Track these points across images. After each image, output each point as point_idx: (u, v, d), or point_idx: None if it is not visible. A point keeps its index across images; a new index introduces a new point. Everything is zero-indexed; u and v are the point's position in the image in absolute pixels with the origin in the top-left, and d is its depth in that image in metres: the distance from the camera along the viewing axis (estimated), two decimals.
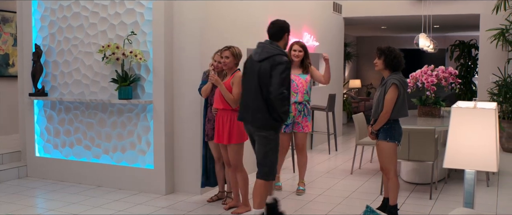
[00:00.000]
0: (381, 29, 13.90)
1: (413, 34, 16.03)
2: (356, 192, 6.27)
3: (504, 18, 8.99)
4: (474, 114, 2.72)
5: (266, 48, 4.72)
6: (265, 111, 4.54)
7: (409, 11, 10.36)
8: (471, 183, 2.82)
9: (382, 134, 5.05)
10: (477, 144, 2.70)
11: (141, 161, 6.21)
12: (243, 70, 4.85)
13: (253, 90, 4.60)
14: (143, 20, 6.04)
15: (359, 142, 7.19)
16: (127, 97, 6.02)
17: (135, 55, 5.86)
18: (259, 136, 4.62)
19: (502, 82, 8.88)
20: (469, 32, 13.84)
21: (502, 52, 9.26)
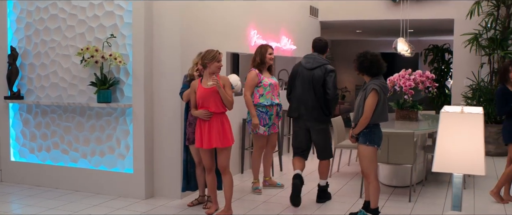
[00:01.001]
0: (356, 33, 14.03)
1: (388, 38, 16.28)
2: (335, 195, 6.30)
3: (477, 23, 9.17)
4: (462, 118, 2.76)
5: (316, 59, 5.84)
6: (319, 108, 5.70)
7: (385, 15, 10.48)
8: (459, 186, 2.86)
9: (362, 138, 5.09)
10: (465, 148, 2.74)
11: (120, 165, 6.14)
12: (293, 75, 5.88)
13: (308, 91, 5.70)
14: (122, 22, 5.98)
15: (338, 145, 7.24)
16: (106, 100, 5.94)
17: (114, 58, 5.79)
18: (318, 129, 5.77)
19: (476, 86, 9.04)
20: (442, 36, 14.07)
21: (475, 57, 9.43)
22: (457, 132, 2.76)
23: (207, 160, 5.29)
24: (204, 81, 5.18)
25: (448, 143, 2.77)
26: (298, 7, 9.76)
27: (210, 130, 5.14)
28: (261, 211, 5.60)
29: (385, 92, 5.08)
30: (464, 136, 2.74)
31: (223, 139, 5.17)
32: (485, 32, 9.05)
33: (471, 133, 2.74)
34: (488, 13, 8.99)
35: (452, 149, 2.76)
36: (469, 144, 2.74)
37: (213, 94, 5.10)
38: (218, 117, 5.16)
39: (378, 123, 5.10)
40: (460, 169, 2.78)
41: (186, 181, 5.83)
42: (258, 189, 6.32)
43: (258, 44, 7.76)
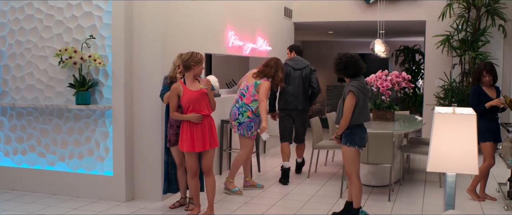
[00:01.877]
0: (328, 34, 14.15)
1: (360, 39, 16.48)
2: (316, 195, 6.34)
3: (448, 24, 9.36)
4: (455, 119, 2.82)
5: (302, 61, 7.19)
6: (307, 100, 7.10)
7: (358, 16, 10.60)
8: (452, 185, 2.92)
9: (343, 139, 5.15)
10: (458, 148, 2.80)
11: (99, 167, 6.06)
12: (284, 75, 6.73)
13: (298, 88, 6.99)
14: (101, 23, 5.90)
15: (316, 145, 7.29)
16: (85, 102, 5.85)
17: (94, 60, 5.71)
18: (302, 118, 7.11)
19: (448, 87, 9.23)
20: (412, 37, 14.30)
21: (446, 58, 9.62)
22: (450, 133, 2.81)
23: (194, 163, 5.26)
24: (190, 84, 5.14)
25: (442, 143, 2.82)
26: (273, 9, 9.79)
27: (203, 132, 5.12)
28: (243, 212, 5.60)
29: (364, 93, 5.13)
30: (457, 136, 2.80)
31: (213, 140, 5.21)
32: (457, 34, 9.24)
33: (464, 133, 2.80)
34: (459, 15, 9.19)
35: (446, 149, 2.82)
36: (463, 144, 2.80)
37: (203, 97, 5.10)
38: (208, 118, 5.18)
39: (359, 123, 5.15)
40: (454, 168, 2.84)
41: (167, 183, 5.79)
42: (239, 190, 6.32)
43: (236, 45, 7.81)
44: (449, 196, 2.93)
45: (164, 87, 5.56)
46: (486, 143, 5.89)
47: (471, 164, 2.80)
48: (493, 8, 8.96)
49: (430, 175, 7.47)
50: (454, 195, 2.93)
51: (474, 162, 2.80)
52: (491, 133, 5.87)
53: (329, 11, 10.69)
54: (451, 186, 2.93)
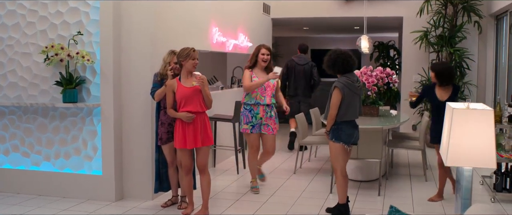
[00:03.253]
0: (303, 30, 14.20)
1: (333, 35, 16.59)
2: (306, 191, 6.36)
3: (425, 21, 9.50)
4: (473, 115, 2.85)
5: (305, 58, 9.14)
6: (308, 89, 9.02)
7: (336, 13, 10.65)
8: (469, 179, 2.96)
9: (330, 134, 5.18)
10: (477, 143, 2.84)
11: (87, 167, 5.92)
12: (289, 69, 8.99)
13: (301, 80, 8.95)
14: (88, 19, 5.76)
15: (302, 142, 7.30)
16: (73, 100, 5.71)
17: (82, 57, 5.57)
18: (305, 101, 9.01)
19: (426, 82, 9.37)
20: (386, 33, 14.48)
21: (424, 53, 9.77)
22: (469, 128, 2.84)
23: (187, 160, 5.20)
24: (184, 81, 5.09)
25: (461, 139, 2.85)
26: (252, 5, 9.76)
27: (195, 129, 5.07)
28: (236, 210, 5.57)
29: (351, 89, 5.12)
30: (475, 132, 2.84)
31: (206, 138, 5.15)
32: (434, 30, 9.39)
33: (483, 128, 2.83)
34: (437, 12, 9.34)
35: (464, 144, 2.85)
36: (482, 139, 2.83)
37: (196, 93, 5.04)
38: (201, 116, 5.13)
39: (347, 120, 5.15)
40: (472, 163, 2.87)
41: (158, 182, 5.71)
42: (256, 188, 6.28)
43: (220, 41, 7.75)
44: (466, 190, 2.97)
45: (154, 85, 5.47)
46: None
47: (489, 159, 2.84)
48: (470, 5, 9.13)
49: (414, 169, 7.58)
50: (471, 189, 2.97)
51: (492, 156, 2.84)
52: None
53: (307, 7, 10.71)
54: (468, 180, 2.97)
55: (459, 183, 3.03)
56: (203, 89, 5.07)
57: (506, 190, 5.88)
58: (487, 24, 9.43)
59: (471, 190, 2.97)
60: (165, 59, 5.45)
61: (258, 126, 6.08)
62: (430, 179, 6.91)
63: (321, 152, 8.85)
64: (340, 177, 5.20)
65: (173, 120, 5.26)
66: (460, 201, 2.99)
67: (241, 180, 6.90)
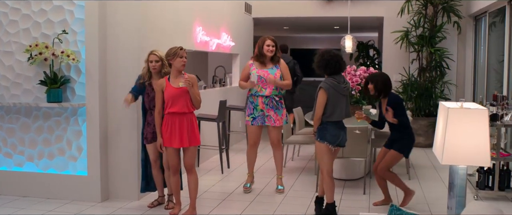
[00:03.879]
0: (283, 29, 14.24)
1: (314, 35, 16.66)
2: (291, 190, 6.38)
3: (406, 21, 9.61)
4: (468, 114, 2.90)
5: (287, 57, 9.13)
6: (293, 84, 7.11)
7: (317, 13, 10.71)
8: (463, 177, 3.01)
9: (316, 134, 5.19)
10: (472, 142, 2.88)
11: (72, 167, 5.85)
12: None
13: None
14: (73, 18, 5.69)
15: (286, 141, 7.33)
16: (57, 100, 5.63)
17: (67, 56, 5.50)
18: (289, 96, 8.77)
19: (407, 82, 9.49)
20: (366, 33, 14.61)
21: (404, 53, 9.89)
22: (464, 127, 2.89)
23: (174, 160, 5.18)
24: (173, 80, 5.07)
25: (456, 137, 2.89)
26: (234, 4, 9.75)
27: (181, 129, 5.06)
28: (224, 210, 5.56)
29: (337, 90, 5.10)
30: (470, 131, 2.88)
31: (193, 138, 5.14)
32: (414, 30, 9.51)
33: (477, 127, 2.88)
34: (417, 12, 9.46)
35: (460, 142, 2.89)
36: (477, 138, 2.88)
37: (183, 94, 5.02)
38: (187, 116, 5.12)
39: (333, 120, 5.17)
40: (467, 161, 2.92)
41: (145, 181, 5.67)
42: (246, 186, 6.28)
43: (204, 41, 7.72)
44: (460, 188, 3.01)
45: (134, 87, 5.43)
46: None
47: (484, 157, 2.88)
48: (449, 6, 9.27)
49: (396, 167, 7.64)
50: (466, 187, 3.02)
51: (487, 155, 2.89)
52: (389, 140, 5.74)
53: (288, 7, 10.76)
54: (462, 178, 3.02)
55: (453, 181, 3.07)
56: (191, 90, 5.05)
57: (488, 187, 5.98)
58: (466, 24, 9.60)
59: (465, 188, 3.02)
60: (146, 60, 5.39)
61: (261, 118, 6.07)
62: (413, 177, 7.00)
63: (304, 150, 8.89)
64: (326, 177, 5.21)
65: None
66: (455, 199, 3.03)
67: (226, 180, 6.89)
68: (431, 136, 9.32)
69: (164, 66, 5.31)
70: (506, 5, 7.38)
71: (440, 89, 9.46)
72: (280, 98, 6.17)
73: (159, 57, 5.28)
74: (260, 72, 6.05)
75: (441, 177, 7.08)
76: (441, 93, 9.43)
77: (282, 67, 6.16)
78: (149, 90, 5.36)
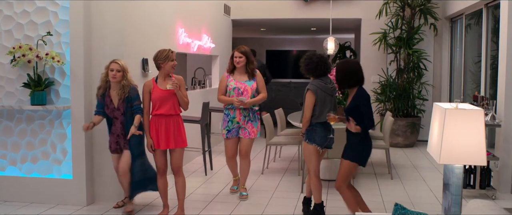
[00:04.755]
0: (260, 31, 14.28)
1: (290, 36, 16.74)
2: (277, 191, 6.41)
3: (384, 22, 9.76)
4: (466, 114, 2.97)
5: (258, 60, 8.93)
6: None
7: (295, 14, 10.78)
8: (459, 176, 3.08)
9: (305, 136, 5.22)
10: (469, 142, 2.95)
11: (56, 171, 5.77)
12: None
13: None
14: (57, 19, 5.62)
15: (269, 142, 7.36)
16: (41, 103, 5.55)
17: (51, 58, 5.42)
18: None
19: (386, 82, 9.62)
20: (343, 34, 14.73)
21: (382, 55, 10.03)
22: (461, 127, 2.96)
23: (161, 161, 5.18)
24: (161, 82, 5.06)
25: (453, 137, 2.96)
26: (214, 6, 9.75)
27: (167, 131, 5.06)
28: (210, 212, 5.56)
29: (325, 91, 5.13)
30: (467, 131, 2.95)
31: (179, 140, 5.14)
32: (392, 31, 9.65)
33: (474, 127, 2.95)
34: (395, 14, 9.60)
35: (456, 142, 2.96)
36: (472, 138, 2.95)
37: (171, 96, 5.03)
38: (174, 118, 5.13)
39: (320, 121, 5.20)
40: (464, 160, 2.99)
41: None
42: (233, 188, 6.31)
43: (186, 42, 7.70)
44: (457, 187, 3.08)
45: (97, 105, 5.34)
46: None
47: (480, 156, 2.96)
48: (426, 8, 9.44)
49: (377, 167, 7.76)
50: (461, 185, 3.09)
51: (483, 154, 2.96)
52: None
53: (267, 8, 10.80)
54: (458, 177, 3.08)
55: (449, 180, 3.14)
56: (178, 92, 5.04)
57: (470, 186, 6.11)
58: (443, 26, 9.78)
59: (461, 186, 3.09)
60: (106, 67, 5.26)
61: (235, 130, 5.99)
62: (395, 177, 7.10)
63: (285, 151, 8.94)
64: (313, 178, 5.25)
65: (122, 132, 5.26)
66: (451, 197, 3.10)
67: (210, 182, 6.89)
68: (410, 136, 9.48)
69: (125, 78, 5.17)
70: (483, 8, 7.55)
71: (418, 90, 9.62)
72: (256, 110, 6.11)
73: (122, 67, 5.14)
74: (237, 84, 5.93)
75: (422, 176, 7.21)
76: (419, 94, 9.59)
77: (258, 80, 6.03)
78: (107, 101, 5.24)
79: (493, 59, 7.42)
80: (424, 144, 9.90)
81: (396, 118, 9.42)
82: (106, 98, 5.24)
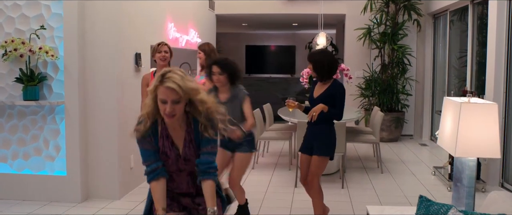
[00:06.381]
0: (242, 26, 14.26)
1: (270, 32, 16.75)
2: (271, 186, 6.42)
3: (368, 18, 9.84)
4: (481, 108, 3.02)
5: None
6: None
7: (279, 9, 10.79)
8: (473, 169, 3.12)
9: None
10: (484, 135, 3.00)
11: (49, 167, 5.67)
12: None
13: None
14: (50, 13, 5.50)
15: (260, 137, 7.37)
16: (34, 98, 5.43)
17: (45, 52, 5.31)
18: None
19: (370, 78, 9.72)
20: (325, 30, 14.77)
21: (366, 50, 10.11)
22: (476, 121, 3.00)
23: None
24: None
25: (468, 131, 3.01)
26: (200, 1, 9.69)
27: None
28: None
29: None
30: (482, 124, 3.00)
31: None
32: (377, 27, 9.74)
33: (488, 121, 3.00)
34: (379, 10, 9.69)
35: (473, 135, 3.01)
36: (487, 131, 3.00)
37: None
38: None
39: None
40: (479, 153, 3.04)
41: None
42: None
43: (175, 37, 7.65)
44: (470, 179, 3.13)
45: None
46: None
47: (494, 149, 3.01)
48: (410, 4, 9.56)
49: (367, 162, 7.85)
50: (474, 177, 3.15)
51: (497, 147, 3.02)
52: (304, 141, 4.83)
53: (250, 4, 10.78)
54: (472, 170, 3.13)
55: (463, 173, 3.19)
56: None
57: None
58: (426, 22, 9.91)
59: (474, 178, 3.14)
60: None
61: None
62: (385, 171, 7.18)
63: (273, 146, 8.96)
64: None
65: None
66: (465, 190, 3.15)
67: None
68: (394, 131, 9.60)
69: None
70: (468, 4, 7.67)
71: (402, 85, 9.74)
72: None
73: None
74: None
75: (410, 170, 7.31)
76: (403, 89, 9.71)
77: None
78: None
79: (478, 55, 7.56)
80: (407, 138, 10.05)
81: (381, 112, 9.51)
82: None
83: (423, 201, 2.54)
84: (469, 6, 7.66)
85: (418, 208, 2.58)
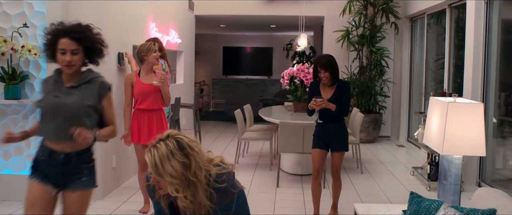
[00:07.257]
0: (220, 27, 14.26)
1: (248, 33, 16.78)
2: (253, 186, 6.46)
3: (346, 21, 9.96)
4: (467, 108, 3.11)
5: None
6: None
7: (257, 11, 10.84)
8: (459, 167, 3.22)
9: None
10: (470, 133, 3.09)
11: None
12: None
13: None
14: (32, 11, 5.45)
15: (241, 137, 7.40)
16: (16, 97, 5.37)
17: (28, 50, 5.26)
18: None
19: (348, 79, 9.83)
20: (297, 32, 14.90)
21: (344, 52, 10.23)
22: (463, 120, 3.09)
23: (143, 156, 5.12)
24: (144, 77, 5.02)
25: (455, 130, 3.10)
26: (180, 1, 9.68)
27: (149, 125, 5.03)
28: None
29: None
30: (468, 123, 3.10)
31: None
32: (355, 29, 9.86)
33: (475, 120, 3.10)
34: (358, 12, 9.82)
35: (458, 134, 3.10)
36: (473, 130, 3.09)
37: (155, 91, 5.01)
38: (156, 112, 5.09)
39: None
40: (465, 151, 3.13)
41: None
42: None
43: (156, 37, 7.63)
44: (456, 177, 3.22)
45: None
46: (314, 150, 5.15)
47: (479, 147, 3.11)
48: (388, 7, 9.70)
49: (347, 162, 7.93)
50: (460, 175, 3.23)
51: (482, 145, 3.11)
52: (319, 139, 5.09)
53: (229, 5, 10.81)
54: (458, 168, 3.22)
55: (449, 170, 3.27)
56: (162, 88, 5.02)
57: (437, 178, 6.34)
58: (404, 25, 10.08)
59: (460, 176, 3.23)
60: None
61: None
62: (365, 172, 7.28)
63: (253, 147, 8.99)
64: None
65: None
66: (451, 187, 3.23)
67: None
68: (372, 132, 9.72)
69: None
70: (446, 7, 7.83)
71: (380, 87, 9.87)
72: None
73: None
74: None
75: (389, 171, 7.42)
76: (381, 91, 9.85)
77: None
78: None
79: (455, 58, 7.72)
80: (385, 139, 10.19)
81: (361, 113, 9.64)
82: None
83: (415, 197, 2.60)
84: (447, 9, 7.82)
85: (410, 204, 2.65)
